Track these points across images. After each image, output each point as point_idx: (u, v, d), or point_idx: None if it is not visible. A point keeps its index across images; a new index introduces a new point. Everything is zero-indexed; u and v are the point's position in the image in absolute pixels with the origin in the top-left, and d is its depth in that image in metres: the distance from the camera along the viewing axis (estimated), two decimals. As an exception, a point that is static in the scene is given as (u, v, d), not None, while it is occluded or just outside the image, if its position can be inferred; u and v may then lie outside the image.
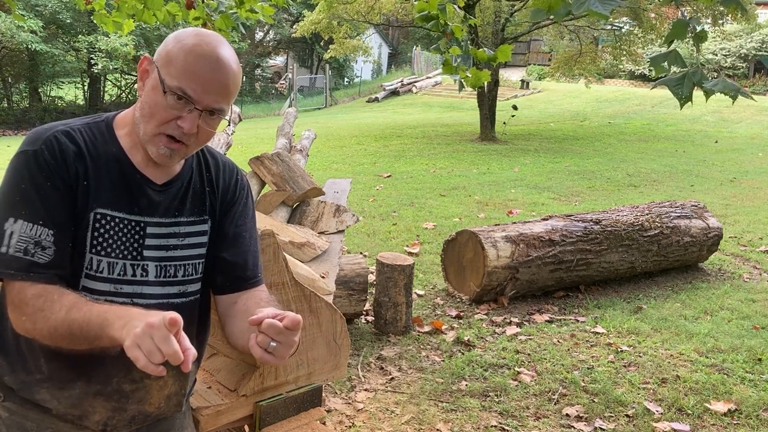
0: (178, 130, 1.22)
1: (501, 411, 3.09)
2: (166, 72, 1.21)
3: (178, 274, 1.31)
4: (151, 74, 1.24)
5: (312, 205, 3.60)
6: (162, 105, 1.21)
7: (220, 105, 1.24)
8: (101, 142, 1.27)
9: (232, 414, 1.47)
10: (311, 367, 1.58)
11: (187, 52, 1.21)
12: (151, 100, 1.22)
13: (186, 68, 1.20)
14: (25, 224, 1.16)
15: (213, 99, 1.22)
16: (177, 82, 1.20)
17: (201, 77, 1.20)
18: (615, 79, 25.61)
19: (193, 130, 1.23)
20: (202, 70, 1.20)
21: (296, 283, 1.51)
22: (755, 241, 6.27)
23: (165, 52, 1.23)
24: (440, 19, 3.21)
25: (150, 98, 1.22)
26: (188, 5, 3.77)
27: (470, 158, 11.66)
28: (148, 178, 1.29)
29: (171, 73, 1.20)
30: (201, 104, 1.22)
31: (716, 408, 3.16)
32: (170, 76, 1.20)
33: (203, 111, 1.22)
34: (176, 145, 1.24)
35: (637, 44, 15.70)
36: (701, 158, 11.96)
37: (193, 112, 1.21)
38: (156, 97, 1.21)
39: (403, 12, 17.70)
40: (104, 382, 1.26)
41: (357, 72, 32.42)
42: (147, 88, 1.23)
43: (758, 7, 19.56)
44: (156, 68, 1.23)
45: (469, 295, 4.50)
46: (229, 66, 1.24)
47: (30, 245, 1.15)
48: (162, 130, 1.22)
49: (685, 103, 2.09)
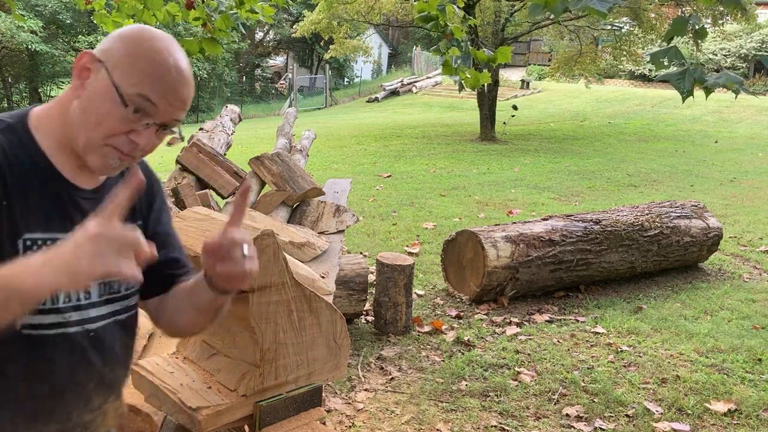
0: (130, 145, 1.08)
1: (501, 411, 3.09)
2: (123, 78, 1.05)
3: (121, 288, 1.18)
4: (95, 74, 1.08)
5: (312, 205, 3.60)
6: (114, 115, 1.06)
7: (179, 117, 1.12)
8: (19, 150, 1.07)
9: (232, 414, 1.47)
10: (311, 367, 1.58)
11: (151, 59, 1.07)
12: (100, 107, 1.06)
13: (152, 77, 1.06)
14: None
15: (175, 112, 1.10)
16: (138, 90, 1.05)
17: (167, 87, 1.07)
18: (615, 79, 25.61)
19: (147, 147, 1.10)
20: (168, 79, 1.07)
21: (296, 283, 1.51)
22: (755, 241, 6.27)
23: (119, 52, 1.07)
24: (440, 20, 3.21)
25: (97, 105, 1.06)
26: (188, 5, 3.77)
27: (470, 158, 11.66)
28: (77, 187, 1.12)
29: (130, 80, 1.05)
30: (161, 118, 1.09)
31: (716, 408, 3.16)
32: (129, 84, 1.05)
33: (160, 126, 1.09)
34: (125, 157, 1.09)
35: (637, 44, 15.70)
36: (701, 158, 11.96)
37: (151, 127, 1.08)
38: (106, 105, 1.06)
39: (403, 12, 17.70)
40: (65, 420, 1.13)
41: (357, 72, 32.42)
42: (91, 90, 1.07)
43: (758, 7, 19.56)
44: (105, 70, 1.06)
45: (469, 295, 4.50)
46: (190, 75, 1.12)
47: None
48: (110, 142, 1.07)
49: (687, 97, 2.09)
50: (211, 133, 4.25)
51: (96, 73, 1.07)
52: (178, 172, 3.52)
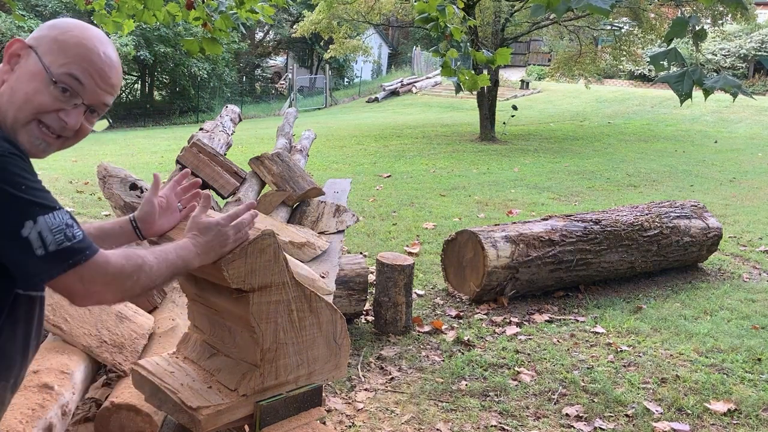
0: (59, 122, 1.16)
1: (501, 411, 3.09)
2: (53, 60, 1.14)
3: None
4: (25, 59, 1.16)
5: (312, 205, 3.60)
6: (43, 92, 1.14)
7: (107, 101, 1.22)
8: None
9: (232, 414, 1.47)
10: (311, 367, 1.58)
11: (79, 43, 1.16)
12: (28, 86, 1.14)
13: (80, 58, 1.16)
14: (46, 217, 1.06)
15: (103, 95, 1.20)
16: (66, 69, 1.15)
17: (96, 71, 1.17)
18: (615, 79, 25.62)
19: (76, 126, 1.18)
20: (97, 63, 1.17)
21: (296, 283, 1.51)
22: (755, 241, 6.27)
23: (50, 38, 1.16)
24: (440, 21, 3.21)
25: (25, 84, 1.14)
26: (188, 5, 3.78)
27: (470, 158, 11.66)
28: None
29: (60, 61, 1.14)
30: (89, 98, 1.18)
31: (716, 408, 3.16)
32: (58, 65, 1.14)
33: (88, 107, 1.19)
34: (54, 139, 1.18)
35: (637, 44, 15.71)
36: (701, 158, 11.97)
37: (79, 107, 1.18)
38: (35, 84, 1.14)
39: (403, 12, 17.70)
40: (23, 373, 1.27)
41: (357, 72, 32.42)
42: (20, 73, 1.15)
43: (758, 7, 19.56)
44: (35, 54, 1.15)
45: (469, 295, 4.50)
46: (118, 61, 1.22)
47: (66, 231, 1.08)
48: (38, 116, 1.15)
49: (685, 100, 2.09)
50: (211, 133, 4.25)
51: (26, 57, 1.16)
52: (178, 172, 3.52)
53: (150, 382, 1.54)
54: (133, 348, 2.04)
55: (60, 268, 1.08)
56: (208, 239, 1.34)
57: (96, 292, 1.15)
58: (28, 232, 1.04)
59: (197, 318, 1.65)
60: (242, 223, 1.39)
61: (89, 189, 7.86)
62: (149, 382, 1.54)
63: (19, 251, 1.05)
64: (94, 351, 1.96)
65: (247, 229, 1.40)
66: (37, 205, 1.06)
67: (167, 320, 2.28)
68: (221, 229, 1.36)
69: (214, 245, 1.35)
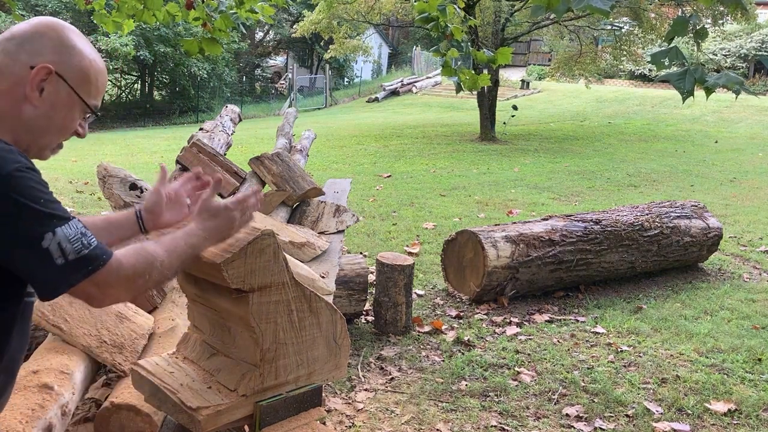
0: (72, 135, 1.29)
1: (501, 411, 3.09)
2: (86, 92, 1.25)
3: None
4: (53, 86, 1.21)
5: (312, 205, 3.60)
6: (76, 120, 1.26)
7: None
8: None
9: (232, 414, 1.47)
10: (311, 367, 1.58)
11: (98, 71, 1.27)
12: (66, 116, 1.24)
13: (99, 87, 1.28)
14: (63, 228, 1.12)
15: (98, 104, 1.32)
16: (95, 101, 1.28)
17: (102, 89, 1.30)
18: (615, 79, 25.61)
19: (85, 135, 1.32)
20: (105, 81, 1.31)
21: (296, 283, 1.51)
22: (755, 241, 6.27)
23: (77, 68, 1.24)
24: (440, 21, 3.21)
25: (63, 114, 1.23)
26: (188, 5, 3.78)
27: (470, 158, 11.66)
28: None
29: (90, 92, 1.26)
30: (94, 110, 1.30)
31: (716, 408, 3.16)
32: (91, 97, 1.26)
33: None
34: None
35: (637, 44, 15.70)
36: (701, 158, 11.96)
37: (88, 119, 1.30)
38: (72, 114, 1.24)
39: (403, 12, 17.70)
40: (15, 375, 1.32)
41: (357, 72, 32.41)
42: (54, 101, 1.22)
43: (758, 7, 19.55)
44: (65, 84, 1.22)
45: (469, 295, 4.50)
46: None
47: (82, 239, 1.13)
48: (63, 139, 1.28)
49: (687, 98, 2.09)
50: (211, 133, 4.25)
51: (55, 85, 1.21)
52: (178, 172, 3.52)
53: (150, 383, 1.54)
54: (133, 348, 2.04)
55: (80, 275, 1.13)
56: (217, 223, 1.37)
57: (112, 295, 1.20)
58: (48, 243, 1.10)
59: (197, 318, 1.65)
60: (248, 205, 1.43)
61: (89, 189, 7.86)
62: (149, 382, 1.54)
63: (39, 262, 1.10)
64: (93, 351, 1.96)
65: (252, 211, 1.44)
66: (55, 217, 1.11)
67: (167, 320, 2.28)
68: (230, 213, 1.39)
69: (222, 228, 1.38)
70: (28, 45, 1.20)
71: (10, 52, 1.19)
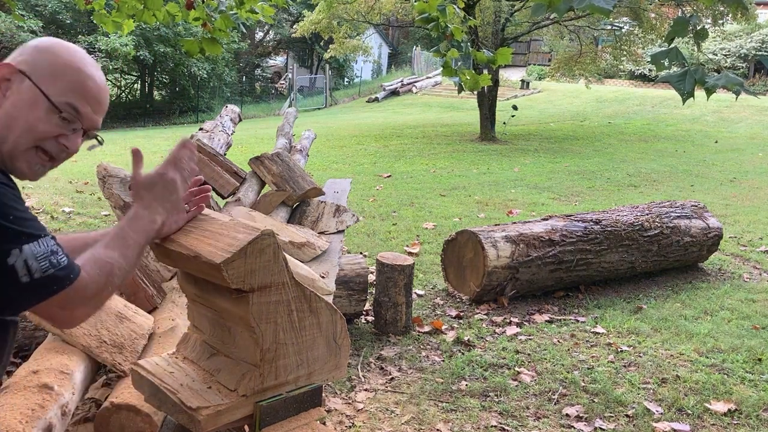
0: (58, 147, 1.20)
1: (501, 411, 3.09)
2: (51, 88, 1.16)
3: None
4: (17, 85, 1.16)
5: (312, 205, 3.60)
6: (45, 121, 1.16)
7: (98, 124, 1.26)
8: None
9: (232, 414, 1.47)
10: (311, 367, 1.58)
11: (76, 69, 1.19)
12: (29, 114, 1.15)
13: (78, 86, 1.19)
14: (32, 245, 1.09)
15: (96, 119, 1.24)
16: (66, 99, 1.17)
17: (93, 98, 1.21)
18: (615, 79, 25.61)
19: (77, 150, 1.23)
20: (93, 90, 1.21)
21: (296, 283, 1.50)
22: (755, 241, 6.27)
23: (44, 64, 1.17)
24: (440, 21, 3.21)
25: (26, 112, 1.15)
26: (188, 5, 3.78)
27: (470, 158, 11.66)
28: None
29: (58, 89, 1.17)
30: (86, 123, 1.22)
31: (716, 408, 3.16)
32: (57, 93, 1.17)
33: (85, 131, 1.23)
34: (48, 162, 1.21)
35: (638, 44, 15.70)
36: (701, 158, 11.96)
37: (78, 131, 1.21)
38: (36, 113, 1.15)
39: (403, 12, 17.70)
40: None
41: (357, 72, 32.41)
42: (14, 100, 1.16)
43: (758, 7, 19.55)
44: (29, 80, 1.16)
45: (469, 295, 4.50)
46: (105, 81, 1.26)
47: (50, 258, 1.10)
48: (41, 144, 1.18)
49: (687, 99, 2.09)
50: (211, 133, 4.25)
51: (18, 83, 1.16)
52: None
53: (150, 383, 1.54)
54: (133, 348, 2.04)
55: (43, 294, 1.10)
56: (156, 193, 1.30)
57: (78, 316, 1.18)
58: (14, 260, 1.06)
59: (197, 318, 1.65)
60: (182, 159, 1.33)
61: (89, 189, 7.86)
62: (149, 382, 1.54)
63: (4, 279, 1.07)
64: (93, 351, 1.96)
65: (191, 162, 1.34)
66: (24, 234, 1.07)
67: (167, 320, 2.28)
68: (165, 176, 1.30)
69: (165, 196, 1.31)
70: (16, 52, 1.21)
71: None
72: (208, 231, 1.47)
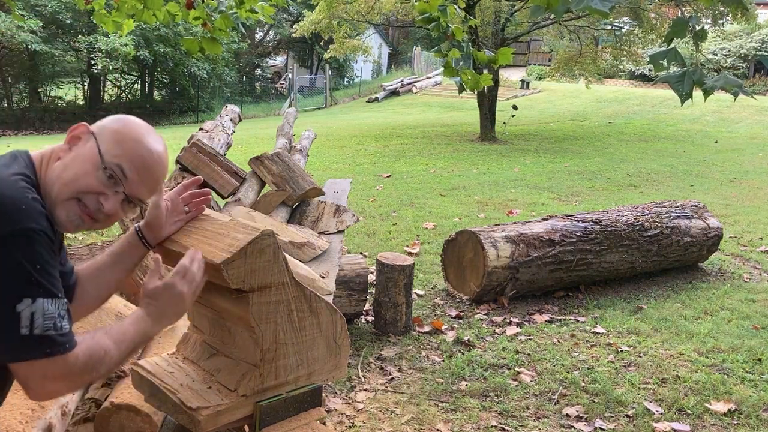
0: (97, 204, 1.24)
1: (501, 411, 3.09)
2: (108, 149, 1.24)
3: None
4: (83, 143, 1.26)
5: (312, 205, 3.60)
6: (90, 175, 1.23)
7: (144, 197, 1.30)
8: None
9: (232, 414, 1.46)
10: (311, 367, 1.58)
11: (137, 140, 1.26)
12: (80, 167, 1.23)
13: (132, 153, 1.25)
14: (46, 301, 1.10)
15: (144, 192, 1.29)
16: (117, 161, 1.24)
17: (143, 167, 1.26)
18: (615, 79, 25.60)
19: (112, 212, 1.26)
20: (146, 161, 1.27)
21: (296, 283, 1.50)
22: (755, 241, 6.27)
23: (112, 130, 1.27)
24: (441, 21, 3.21)
25: (78, 164, 1.23)
26: (188, 5, 3.78)
27: (470, 158, 11.65)
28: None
29: (114, 152, 1.24)
30: (129, 189, 1.26)
31: (716, 408, 3.16)
32: (112, 155, 1.24)
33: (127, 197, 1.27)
34: (88, 219, 1.24)
35: (638, 44, 15.69)
36: (701, 158, 11.96)
37: (119, 194, 1.26)
38: (86, 166, 1.23)
39: (403, 12, 17.68)
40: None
41: (357, 72, 32.40)
42: (75, 154, 1.24)
43: (758, 7, 19.55)
44: (94, 140, 1.25)
45: (469, 295, 4.50)
46: (166, 160, 1.33)
47: (56, 320, 1.12)
48: (78, 195, 1.22)
49: (685, 100, 2.09)
50: (211, 133, 4.25)
51: (85, 142, 1.26)
52: (178, 172, 3.52)
53: (149, 383, 1.54)
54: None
55: (35, 353, 1.11)
56: (162, 303, 1.32)
57: (52, 388, 1.17)
58: (22, 308, 1.08)
59: (197, 318, 1.64)
60: (193, 273, 1.34)
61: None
62: (149, 382, 1.54)
63: (5, 323, 1.08)
64: (93, 351, 1.96)
65: (201, 275, 1.36)
66: (42, 287, 1.10)
67: (167, 320, 2.27)
68: (173, 289, 1.32)
69: (169, 307, 1.32)
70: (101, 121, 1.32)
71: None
72: (208, 231, 1.47)
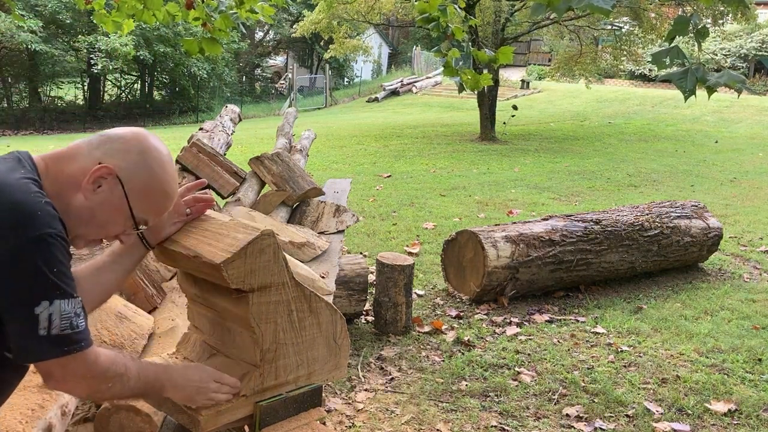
0: (114, 239, 1.36)
1: (501, 411, 3.09)
2: (138, 206, 1.28)
3: None
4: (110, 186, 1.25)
5: (312, 205, 3.60)
6: (119, 225, 1.30)
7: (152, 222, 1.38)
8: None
9: (232, 414, 1.46)
10: (311, 367, 1.58)
11: (164, 193, 1.31)
12: (109, 216, 1.27)
13: (159, 207, 1.32)
14: (62, 302, 1.14)
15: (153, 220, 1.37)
16: (146, 216, 1.31)
17: (162, 212, 1.35)
18: (615, 79, 25.60)
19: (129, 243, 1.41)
20: (168, 206, 1.35)
21: (296, 283, 1.50)
22: (755, 241, 6.27)
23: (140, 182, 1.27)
24: (441, 21, 3.21)
25: (107, 214, 1.27)
26: (188, 5, 3.77)
27: (470, 158, 11.65)
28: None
29: (143, 208, 1.29)
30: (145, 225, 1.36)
31: (716, 408, 3.16)
32: (141, 211, 1.29)
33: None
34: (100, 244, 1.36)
35: (638, 44, 15.69)
36: (701, 158, 11.96)
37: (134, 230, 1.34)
38: (115, 217, 1.28)
39: (403, 12, 17.69)
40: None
41: (357, 72, 32.40)
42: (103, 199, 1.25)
43: (758, 7, 19.56)
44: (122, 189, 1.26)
45: (469, 295, 4.50)
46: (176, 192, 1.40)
47: (72, 319, 1.15)
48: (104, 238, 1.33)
49: (689, 97, 2.09)
50: (211, 133, 4.24)
51: (112, 187, 1.26)
52: (177, 172, 3.52)
53: (149, 383, 1.54)
54: (133, 348, 2.04)
55: (54, 352, 1.14)
56: (191, 380, 1.39)
57: (71, 384, 1.21)
58: (40, 311, 1.11)
59: (197, 318, 1.64)
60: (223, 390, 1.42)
61: (89, 189, 7.86)
62: (149, 382, 1.54)
63: (24, 325, 1.12)
64: (93, 351, 1.96)
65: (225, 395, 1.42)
66: (58, 289, 1.13)
67: (167, 320, 2.27)
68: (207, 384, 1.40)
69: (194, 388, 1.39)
70: (109, 144, 1.28)
71: (92, 144, 1.28)
72: (208, 231, 1.47)
